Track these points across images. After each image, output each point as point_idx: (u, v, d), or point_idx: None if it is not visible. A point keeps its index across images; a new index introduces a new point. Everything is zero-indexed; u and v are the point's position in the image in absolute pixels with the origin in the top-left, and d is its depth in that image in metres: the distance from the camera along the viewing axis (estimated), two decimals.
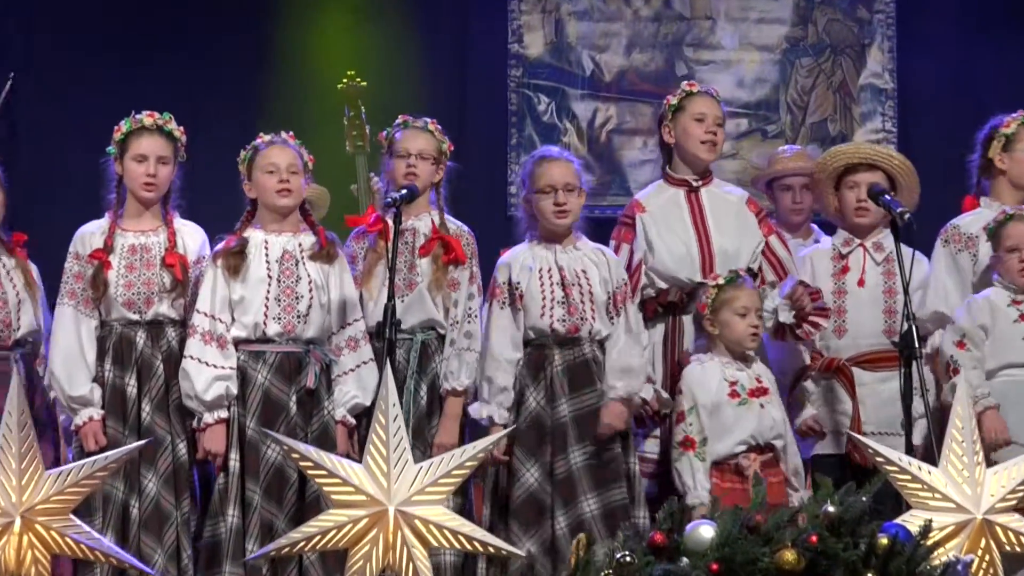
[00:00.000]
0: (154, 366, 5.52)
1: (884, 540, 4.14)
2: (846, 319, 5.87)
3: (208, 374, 5.44)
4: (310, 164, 5.67)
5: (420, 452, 5.42)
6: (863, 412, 5.77)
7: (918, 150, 6.77)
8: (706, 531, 4.19)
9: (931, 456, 4.86)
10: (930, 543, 4.21)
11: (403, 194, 5.39)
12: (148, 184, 5.57)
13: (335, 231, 5.74)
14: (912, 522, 4.30)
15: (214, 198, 5.82)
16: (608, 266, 5.65)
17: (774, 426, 5.54)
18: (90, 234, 5.60)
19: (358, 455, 5.12)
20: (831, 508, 4.18)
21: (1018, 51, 8.16)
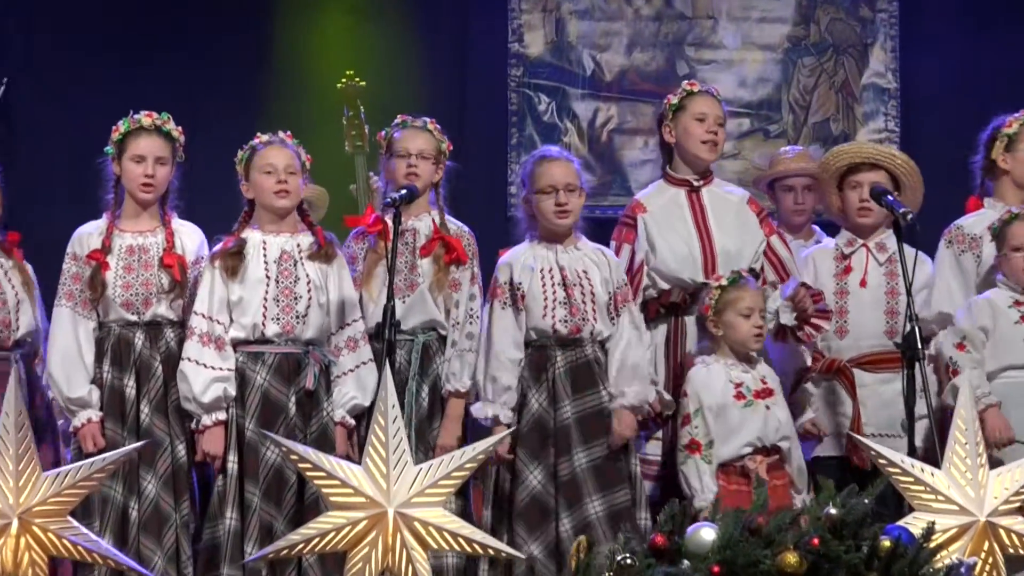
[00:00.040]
0: (153, 367, 5.50)
1: (886, 543, 4.13)
2: (848, 320, 5.86)
3: (206, 376, 5.42)
4: (308, 164, 5.65)
5: (423, 454, 5.42)
6: (863, 413, 5.75)
7: (921, 150, 6.74)
8: (707, 533, 4.18)
9: (932, 458, 4.84)
10: (933, 546, 4.20)
11: (402, 194, 5.37)
12: (146, 185, 5.55)
13: (334, 231, 5.72)
14: (915, 524, 4.29)
15: (214, 198, 5.79)
16: (609, 266, 5.63)
17: (780, 428, 5.53)
18: (87, 235, 5.58)
19: (358, 456, 5.10)
20: (833, 510, 4.16)
21: (1022, 50, 8.14)
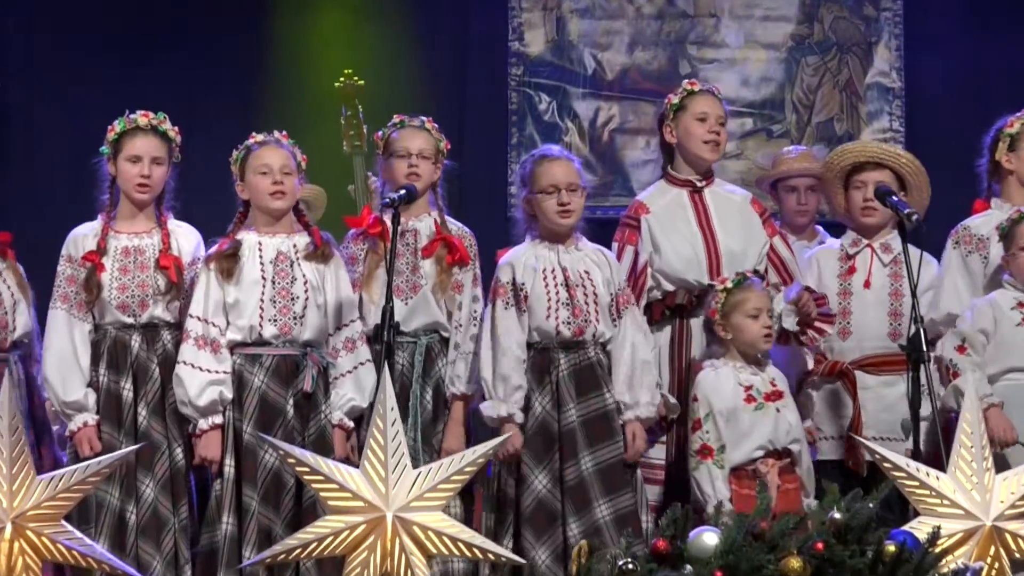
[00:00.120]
0: (150, 370, 5.47)
1: (891, 547, 4.13)
2: (851, 321, 5.82)
3: (201, 379, 5.39)
4: (303, 164, 5.61)
5: (428, 458, 5.38)
6: (864, 416, 5.71)
7: (926, 150, 6.71)
8: (710, 538, 4.17)
9: (934, 461, 4.80)
10: (938, 550, 4.20)
11: (401, 194, 5.34)
12: (142, 185, 5.53)
13: (333, 232, 5.69)
14: (920, 529, 4.29)
15: (214, 198, 5.78)
16: (610, 267, 5.60)
17: (791, 430, 5.49)
18: (82, 236, 5.55)
19: (358, 458, 5.06)
20: (837, 515, 4.14)
21: None
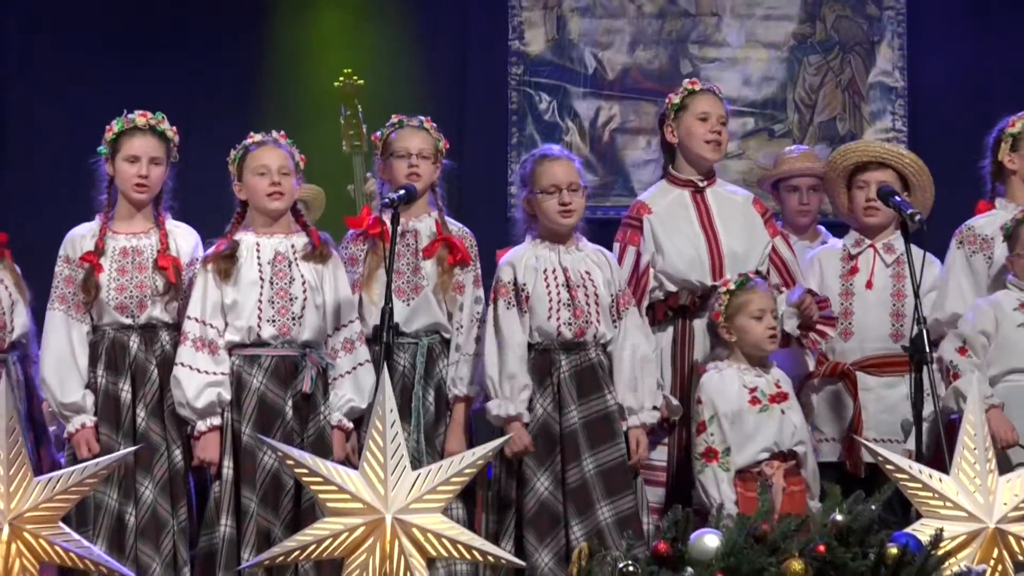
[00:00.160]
0: (148, 371, 5.46)
1: (894, 550, 4.11)
2: (853, 321, 5.80)
3: (199, 381, 5.37)
4: (301, 164, 5.60)
5: (431, 460, 5.36)
6: (865, 417, 5.70)
7: (929, 150, 6.71)
8: (711, 540, 4.15)
9: (935, 462, 4.79)
10: (941, 553, 4.18)
11: (401, 195, 5.33)
12: (140, 185, 5.51)
13: (332, 232, 5.67)
14: (923, 531, 4.26)
15: (214, 198, 5.76)
16: (610, 268, 5.59)
17: (796, 432, 5.48)
18: (80, 237, 5.54)
19: (358, 460, 5.04)
20: (839, 517, 4.12)
21: None
